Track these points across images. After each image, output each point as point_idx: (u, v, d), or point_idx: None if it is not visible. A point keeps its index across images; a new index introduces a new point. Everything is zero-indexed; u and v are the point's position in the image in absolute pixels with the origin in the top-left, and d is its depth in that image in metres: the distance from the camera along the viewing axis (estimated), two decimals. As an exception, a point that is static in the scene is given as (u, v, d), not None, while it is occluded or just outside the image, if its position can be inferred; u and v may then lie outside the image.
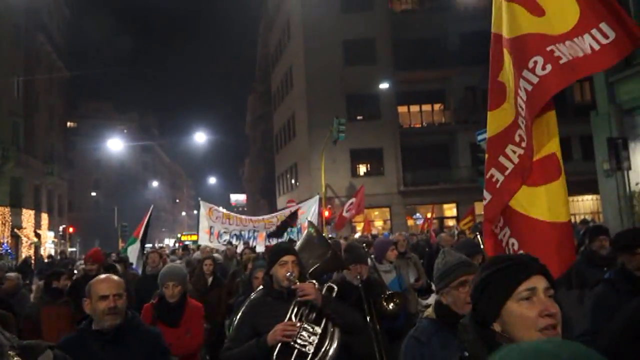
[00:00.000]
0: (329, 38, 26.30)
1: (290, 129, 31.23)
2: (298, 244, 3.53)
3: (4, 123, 28.98)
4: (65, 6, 40.81)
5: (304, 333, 2.70)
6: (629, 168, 8.89)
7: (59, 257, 25.24)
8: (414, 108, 28.13)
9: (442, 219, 27.53)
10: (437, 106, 28.40)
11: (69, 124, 50.12)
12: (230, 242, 11.23)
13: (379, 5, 27.22)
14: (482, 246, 4.18)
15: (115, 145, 36.28)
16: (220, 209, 12.63)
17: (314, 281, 2.92)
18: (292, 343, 2.68)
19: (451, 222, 26.50)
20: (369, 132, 26.11)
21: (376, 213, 27.65)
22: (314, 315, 2.78)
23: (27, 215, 31.26)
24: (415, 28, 26.23)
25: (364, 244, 5.13)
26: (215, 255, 8.98)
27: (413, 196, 26.43)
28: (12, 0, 28.53)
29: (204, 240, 11.87)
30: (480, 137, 10.10)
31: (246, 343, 2.79)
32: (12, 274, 7.34)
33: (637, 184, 10.10)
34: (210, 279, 6.72)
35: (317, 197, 11.95)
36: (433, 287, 5.59)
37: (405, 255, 6.33)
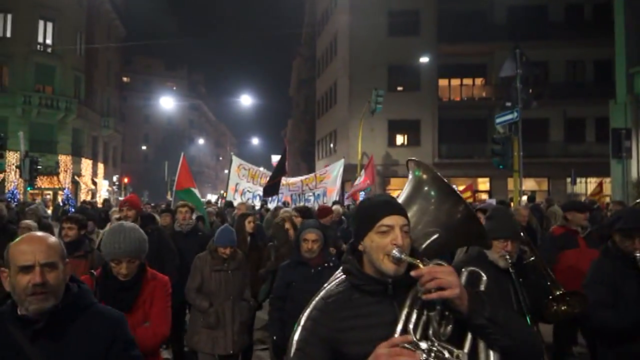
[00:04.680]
0: (374, 7, 26.69)
1: (332, 96, 32.09)
2: (400, 199, 1.93)
3: (68, 78, 31.30)
4: (123, -35, 42.39)
5: None
6: (630, 157, 9.57)
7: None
8: (455, 81, 28.39)
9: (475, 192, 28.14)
10: (478, 81, 28.54)
11: (123, 79, 52.63)
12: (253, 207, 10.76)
13: (426, -24, 27.22)
14: None
15: (167, 103, 38.19)
16: (248, 166, 12.15)
17: (443, 263, 1.55)
18: None
19: (484, 196, 27.08)
20: (408, 103, 26.70)
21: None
22: (449, 327, 1.50)
23: (86, 164, 33.99)
24: (461, 0, 26.20)
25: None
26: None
27: (447, 168, 26.99)
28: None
29: (230, 196, 11.60)
30: (498, 120, 10.89)
31: None
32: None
33: None
34: (248, 239, 5.64)
35: (341, 162, 12.01)
36: None
37: None
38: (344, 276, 1.72)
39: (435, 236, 1.82)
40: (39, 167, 18.59)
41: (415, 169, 2.02)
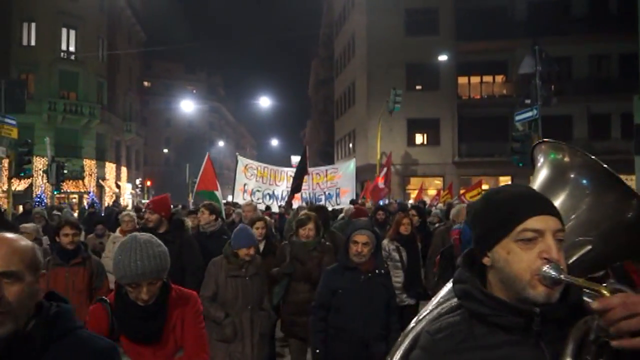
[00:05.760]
0: (392, 6, 26.57)
1: (350, 96, 32.05)
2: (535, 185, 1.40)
3: (91, 84, 32.01)
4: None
5: None
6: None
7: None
8: (475, 79, 28.05)
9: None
10: (498, 78, 28.17)
11: (144, 83, 53.55)
12: (268, 207, 10.64)
13: (444, -26, 26.98)
14: None
15: (187, 106, 38.75)
16: (255, 164, 11.84)
17: (625, 289, 1.01)
18: None
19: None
20: (427, 102, 26.50)
21: (437, 182, 27.76)
22: None
23: (110, 168, 34.67)
24: (480, -3, 25.90)
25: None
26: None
27: (467, 167, 26.78)
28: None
29: (238, 197, 11.18)
30: (518, 118, 10.75)
31: None
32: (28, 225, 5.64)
33: None
34: (262, 245, 5.36)
35: (353, 161, 11.70)
36: None
37: None
38: (455, 300, 1.20)
39: (587, 248, 1.22)
40: (65, 171, 19.03)
41: (550, 152, 1.37)
